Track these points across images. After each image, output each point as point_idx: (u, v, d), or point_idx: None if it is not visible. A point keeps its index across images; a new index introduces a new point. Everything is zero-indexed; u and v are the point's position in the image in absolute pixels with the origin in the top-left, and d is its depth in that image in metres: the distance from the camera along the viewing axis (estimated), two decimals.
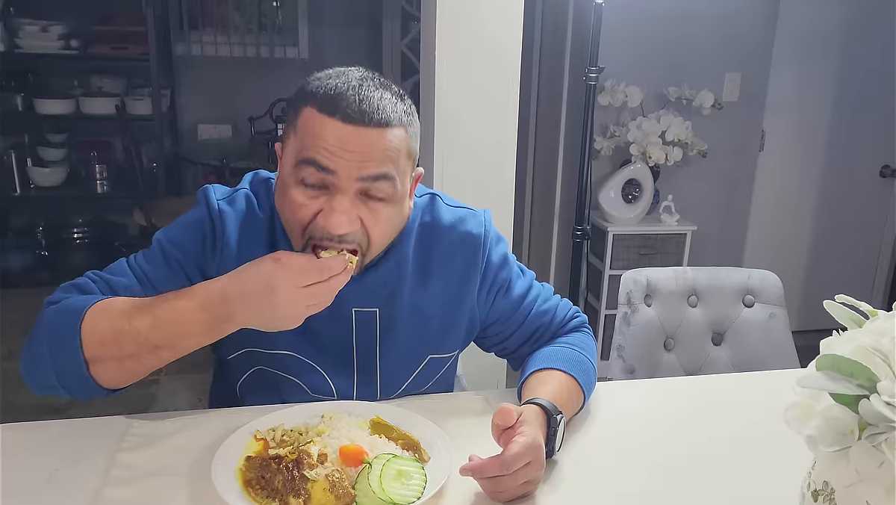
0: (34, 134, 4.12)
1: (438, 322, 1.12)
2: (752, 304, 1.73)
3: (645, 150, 3.01)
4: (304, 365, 1.10)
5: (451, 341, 1.16)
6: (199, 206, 1.08)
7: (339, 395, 1.12)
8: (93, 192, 4.11)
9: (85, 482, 0.93)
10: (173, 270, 1.05)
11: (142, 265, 1.05)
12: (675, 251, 3.12)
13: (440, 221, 1.12)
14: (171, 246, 1.06)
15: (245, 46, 4.40)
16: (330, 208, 0.94)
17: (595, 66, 2.25)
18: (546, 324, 1.20)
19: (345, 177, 0.93)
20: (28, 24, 3.81)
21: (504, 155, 2.13)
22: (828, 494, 0.72)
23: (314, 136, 0.94)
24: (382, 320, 1.09)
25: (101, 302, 0.96)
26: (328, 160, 0.93)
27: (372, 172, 0.94)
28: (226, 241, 1.05)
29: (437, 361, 1.16)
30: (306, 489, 0.86)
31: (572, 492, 0.96)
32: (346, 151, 0.93)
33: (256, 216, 1.07)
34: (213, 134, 4.38)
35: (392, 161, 0.95)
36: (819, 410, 0.70)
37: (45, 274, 4.07)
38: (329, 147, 0.93)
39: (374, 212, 0.97)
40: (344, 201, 0.94)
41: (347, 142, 0.93)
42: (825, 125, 3.47)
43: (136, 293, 1.01)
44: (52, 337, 0.96)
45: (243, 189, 1.09)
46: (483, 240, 1.13)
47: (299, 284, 0.90)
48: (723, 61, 3.20)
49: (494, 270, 1.15)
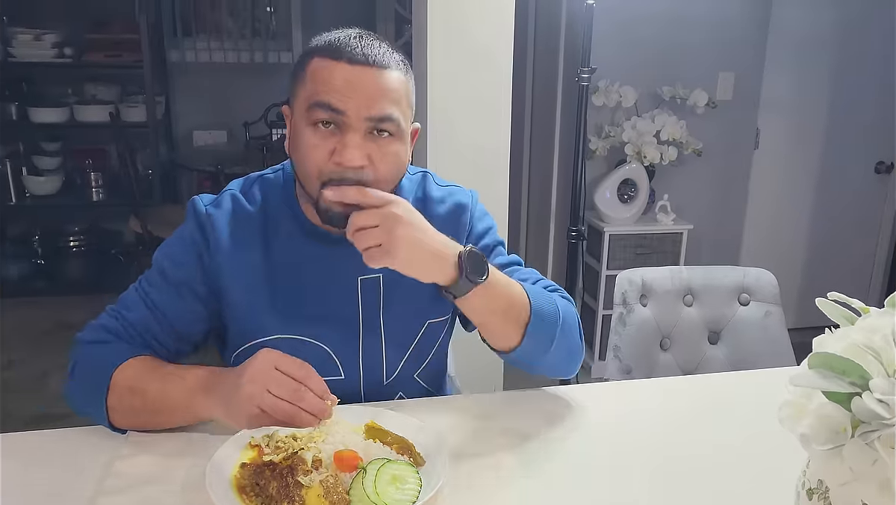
0: (29, 142, 4.12)
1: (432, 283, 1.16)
2: (748, 302, 1.73)
3: (640, 149, 3.01)
4: (310, 347, 1.13)
5: (444, 302, 1.16)
6: (188, 217, 1.13)
7: (345, 373, 1.15)
8: (88, 200, 4.11)
9: (81, 491, 0.93)
10: (178, 291, 1.10)
11: (150, 294, 1.11)
12: (671, 251, 3.13)
13: (431, 195, 1.20)
14: (169, 264, 1.11)
15: (239, 52, 4.41)
16: (343, 144, 1.01)
17: (587, 66, 2.25)
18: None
19: (354, 116, 1.00)
20: (21, 33, 3.81)
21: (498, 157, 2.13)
22: (822, 493, 0.72)
23: (324, 81, 1.01)
24: (385, 286, 1.14)
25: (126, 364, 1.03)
26: (338, 101, 1.00)
27: (378, 113, 1.01)
28: (217, 240, 1.10)
29: (435, 328, 1.20)
30: (301, 495, 0.85)
31: (570, 493, 0.95)
32: (353, 91, 1.00)
33: (246, 211, 1.12)
34: (209, 140, 4.38)
35: (395, 102, 1.03)
36: (812, 408, 0.70)
37: (43, 283, 4.07)
38: (338, 88, 1.00)
39: (381, 148, 1.03)
40: (355, 137, 1.01)
41: (354, 82, 1.00)
42: (820, 123, 3.48)
43: (152, 325, 1.09)
44: (85, 386, 1.06)
45: (228, 191, 1.15)
46: (471, 207, 1.21)
47: (278, 363, 0.93)
48: (716, 61, 3.20)
49: (477, 236, 1.21)
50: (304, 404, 0.90)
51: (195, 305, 1.11)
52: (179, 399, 0.99)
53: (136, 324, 1.09)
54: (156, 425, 1.04)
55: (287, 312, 1.11)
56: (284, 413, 0.90)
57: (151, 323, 1.09)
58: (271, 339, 1.12)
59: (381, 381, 1.18)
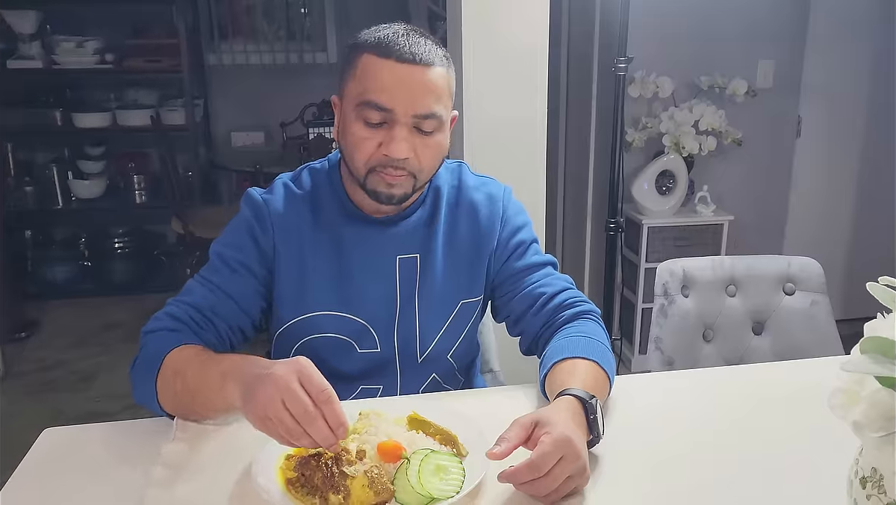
0: (73, 147, 4.23)
1: (466, 266, 1.24)
2: (793, 291, 1.70)
3: (678, 140, 2.97)
4: (349, 322, 1.19)
5: (477, 285, 1.25)
6: (243, 205, 1.21)
7: (381, 347, 1.21)
8: (131, 202, 4.21)
9: (129, 483, 0.95)
10: (236, 271, 1.16)
11: (210, 278, 1.16)
12: (711, 242, 3.08)
13: (467, 183, 1.26)
14: (226, 249, 1.18)
15: (274, 54, 4.46)
16: (391, 138, 1.08)
17: (624, 56, 2.23)
18: (551, 296, 1.22)
19: (401, 113, 1.08)
20: (64, 41, 3.90)
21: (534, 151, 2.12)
22: (876, 481, 0.70)
23: (373, 78, 1.08)
24: (422, 265, 1.21)
25: (176, 350, 1.06)
26: (387, 100, 1.07)
27: (423, 111, 1.08)
28: (272, 223, 1.17)
29: (467, 309, 1.25)
30: (346, 485, 0.86)
31: (615, 487, 0.95)
32: (401, 90, 1.07)
33: (296, 195, 1.20)
34: (246, 141, 4.44)
35: (438, 99, 1.10)
36: (864, 394, 0.69)
37: (89, 284, 4.17)
38: (386, 87, 1.07)
39: (424, 141, 1.11)
40: (402, 131, 1.09)
41: (402, 80, 1.07)
42: (863, 108, 3.39)
43: (214, 304, 1.14)
44: (142, 371, 1.08)
45: (279, 180, 1.24)
46: (503, 198, 1.26)
47: (302, 376, 0.86)
48: (755, 49, 3.14)
49: (513, 230, 1.26)
50: (311, 431, 0.85)
51: (253, 281, 1.17)
52: (213, 382, 0.99)
53: (199, 305, 1.14)
54: (194, 410, 1.05)
55: (330, 289, 1.18)
56: (287, 431, 0.85)
57: (214, 302, 1.14)
58: (314, 315, 1.18)
59: (416, 357, 1.23)
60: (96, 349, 3.42)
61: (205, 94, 4.41)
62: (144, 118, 3.96)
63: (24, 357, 3.35)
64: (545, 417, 0.92)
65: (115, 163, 4.29)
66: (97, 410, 2.85)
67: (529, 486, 0.87)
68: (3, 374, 3.14)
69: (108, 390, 3.01)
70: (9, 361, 3.22)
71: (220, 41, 4.41)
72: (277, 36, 4.46)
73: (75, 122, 4.00)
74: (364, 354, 1.21)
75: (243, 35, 4.42)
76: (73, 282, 4.14)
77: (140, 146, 4.29)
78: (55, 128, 4.01)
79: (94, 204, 4.17)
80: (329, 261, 1.18)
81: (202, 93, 4.38)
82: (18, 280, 3.87)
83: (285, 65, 4.47)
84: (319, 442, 0.85)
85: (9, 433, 2.68)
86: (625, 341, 3.26)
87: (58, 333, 3.62)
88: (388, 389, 1.23)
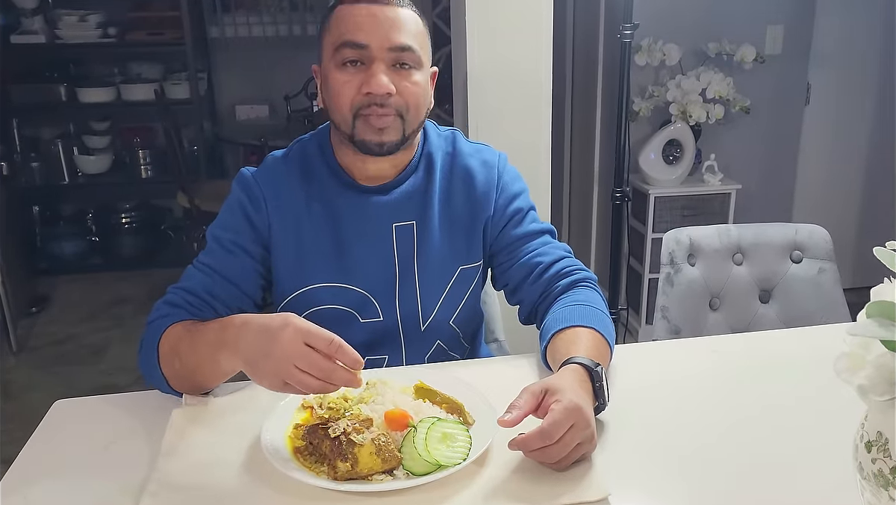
0: (78, 123, 4.22)
1: (463, 232, 1.24)
2: (801, 259, 1.69)
3: (685, 108, 2.94)
4: (350, 293, 1.19)
5: (475, 251, 1.26)
6: (234, 185, 1.21)
7: (384, 316, 1.21)
8: (137, 177, 4.21)
9: (139, 453, 0.97)
10: (232, 252, 1.17)
11: (206, 262, 1.17)
12: (719, 211, 3.06)
13: (462, 150, 1.26)
14: (221, 231, 1.18)
15: (277, 26, 4.41)
16: (370, 74, 1.10)
17: (630, 22, 2.20)
18: (548, 265, 1.22)
19: (377, 48, 1.09)
20: (66, 15, 3.88)
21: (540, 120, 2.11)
22: (881, 445, 0.70)
23: (346, 21, 1.10)
24: (419, 232, 1.21)
25: (168, 329, 1.07)
26: (363, 37, 1.09)
27: (399, 42, 1.10)
28: (264, 199, 1.18)
29: (467, 274, 1.25)
30: (353, 453, 0.87)
31: (622, 453, 0.96)
32: (375, 26, 1.09)
33: (287, 169, 1.21)
34: (251, 114, 4.42)
35: (413, 36, 1.12)
36: (870, 359, 0.68)
37: (98, 259, 4.20)
38: (360, 25, 1.09)
39: (404, 78, 1.12)
40: (381, 66, 1.10)
41: (375, 16, 1.09)
42: (874, 74, 3.34)
43: (212, 287, 1.14)
44: (145, 360, 1.09)
45: (270, 156, 1.24)
46: (499, 163, 1.26)
47: (307, 338, 0.89)
48: (764, 13, 3.09)
49: (509, 197, 1.25)
50: (333, 380, 0.88)
51: (250, 261, 1.17)
52: (205, 357, 1.01)
53: (197, 290, 1.14)
54: (197, 384, 1.07)
55: (328, 261, 1.19)
56: (311, 388, 0.89)
57: (212, 286, 1.14)
58: (314, 287, 1.19)
59: (419, 325, 1.23)
60: (106, 323, 3.45)
61: (208, 68, 4.39)
62: (148, 92, 3.94)
63: (36, 332, 3.38)
64: (554, 385, 0.92)
65: (121, 138, 4.29)
66: (109, 383, 2.88)
67: (540, 452, 0.88)
68: (17, 348, 3.17)
69: (119, 364, 3.04)
70: (21, 337, 3.25)
71: (222, 13, 4.36)
72: (280, 7, 4.41)
73: (80, 97, 3.99)
74: (367, 323, 1.21)
75: (246, 7, 4.38)
76: (82, 257, 4.16)
77: (145, 120, 4.28)
78: (60, 103, 4.00)
79: (101, 179, 4.17)
80: (325, 232, 1.18)
81: (205, 66, 4.35)
82: (28, 256, 3.89)
83: (288, 37, 4.43)
84: (343, 385, 0.89)
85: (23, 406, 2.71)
86: (631, 311, 3.26)
87: (68, 308, 3.65)
88: (393, 359, 1.23)
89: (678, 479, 0.91)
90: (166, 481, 0.89)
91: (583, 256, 3.60)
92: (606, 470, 0.91)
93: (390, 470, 0.89)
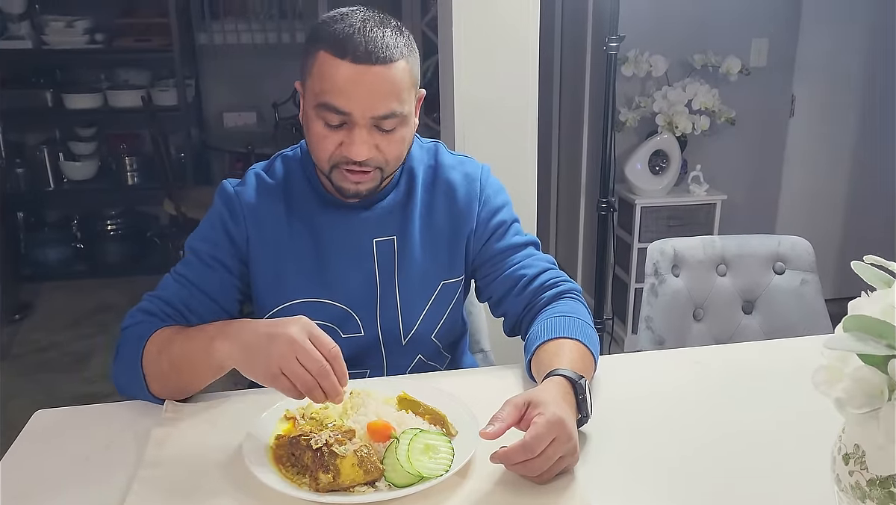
0: (64, 129, 4.19)
1: (445, 246, 1.23)
2: (783, 271, 1.71)
3: (671, 119, 2.97)
4: (331, 308, 1.19)
5: (458, 265, 1.25)
6: (216, 199, 1.20)
7: (365, 331, 1.21)
8: (124, 183, 4.18)
9: (121, 463, 0.96)
10: (209, 266, 1.16)
11: (184, 273, 1.16)
12: (704, 222, 3.08)
13: (443, 162, 1.25)
14: (200, 244, 1.17)
15: (266, 33, 4.41)
16: (350, 141, 1.07)
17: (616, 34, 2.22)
18: (532, 277, 1.22)
19: (359, 115, 1.05)
20: (53, 21, 3.86)
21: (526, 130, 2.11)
22: (859, 458, 0.71)
23: (330, 79, 1.05)
24: (399, 247, 1.20)
25: (157, 331, 1.08)
26: (344, 104, 1.04)
27: (381, 112, 1.06)
28: (244, 214, 1.17)
29: (449, 288, 1.25)
30: (335, 465, 0.87)
31: (604, 465, 0.96)
32: (358, 91, 1.04)
33: (268, 184, 1.20)
34: (238, 122, 4.42)
35: (398, 97, 1.07)
36: (848, 372, 0.69)
37: (82, 266, 4.16)
38: (342, 89, 1.04)
39: (387, 137, 1.09)
40: (362, 133, 1.06)
41: (358, 81, 1.04)
42: (858, 87, 3.38)
43: (188, 299, 1.14)
44: (125, 363, 1.09)
45: (252, 170, 1.23)
46: (481, 177, 1.25)
47: (312, 335, 0.93)
48: (749, 27, 3.13)
49: (492, 210, 1.25)
50: (325, 383, 0.91)
51: (227, 276, 1.17)
52: (200, 347, 1.01)
53: (173, 301, 1.13)
54: (181, 386, 1.07)
55: (309, 276, 1.18)
56: (304, 384, 0.91)
57: (188, 298, 1.14)
58: (295, 303, 1.18)
59: (400, 340, 1.23)
60: (90, 330, 3.42)
61: (196, 75, 4.38)
62: (135, 99, 3.93)
63: (19, 339, 3.35)
64: (537, 397, 0.92)
65: (107, 144, 4.26)
66: (91, 392, 2.85)
67: (522, 466, 0.88)
68: None
69: (102, 372, 3.01)
70: (4, 344, 3.22)
71: (210, 20, 4.36)
72: (269, 15, 4.41)
73: (66, 103, 3.96)
74: (348, 339, 1.21)
75: (234, 14, 4.37)
76: (66, 264, 4.12)
77: (132, 127, 4.26)
78: (46, 109, 3.98)
79: (86, 185, 4.14)
80: (305, 248, 1.18)
81: (193, 73, 4.34)
82: (12, 262, 3.86)
83: (277, 44, 4.43)
84: (329, 392, 0.91)
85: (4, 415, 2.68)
86: (617, 321, 3.27)
87: (52, 315, 3.62)
88: (374, 373, 1.23)
89: (660, 490, 0.92)
90: (147, 494, 0.89)
91: (569, 265, 3.62)
92: (588, 482, 0.91)
93: (372, 482, 0.88)
